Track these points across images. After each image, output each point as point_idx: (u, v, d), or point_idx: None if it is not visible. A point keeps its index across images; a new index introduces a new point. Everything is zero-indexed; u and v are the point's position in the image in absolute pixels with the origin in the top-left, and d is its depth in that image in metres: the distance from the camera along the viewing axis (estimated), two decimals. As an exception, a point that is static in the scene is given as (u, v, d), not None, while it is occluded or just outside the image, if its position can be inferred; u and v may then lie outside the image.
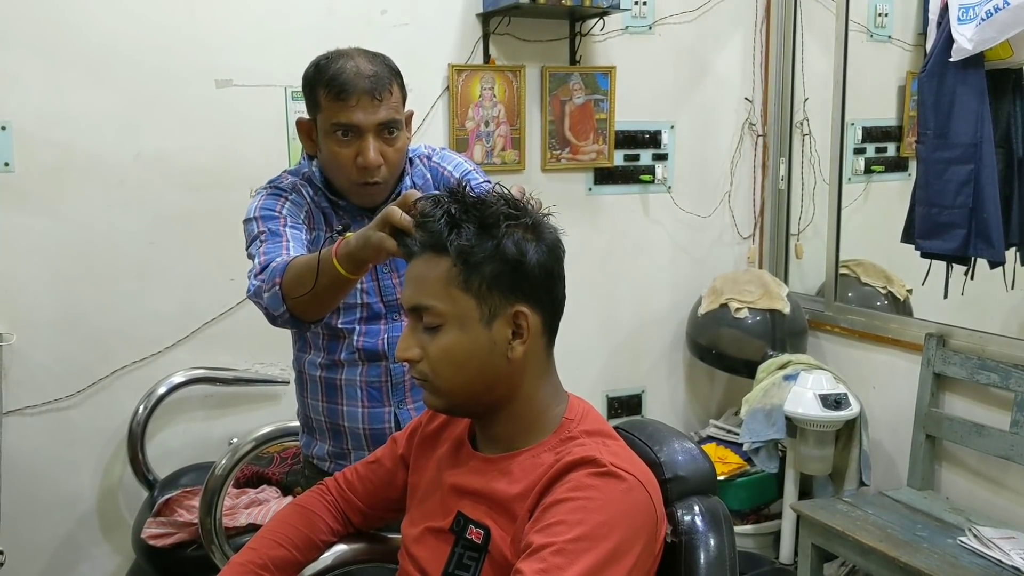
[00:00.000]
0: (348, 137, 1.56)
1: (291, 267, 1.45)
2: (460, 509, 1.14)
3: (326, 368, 1.70)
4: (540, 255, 1.12)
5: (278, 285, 1.44)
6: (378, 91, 1.54)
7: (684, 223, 3.42)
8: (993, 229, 2.58)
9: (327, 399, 1.71)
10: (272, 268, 1.48)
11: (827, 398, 2.81)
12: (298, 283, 1.41)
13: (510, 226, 1.10)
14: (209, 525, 2.03)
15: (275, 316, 1.48)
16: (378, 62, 1.59)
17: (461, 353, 1.11)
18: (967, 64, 2.56)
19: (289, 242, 1.56)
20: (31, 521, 2.61)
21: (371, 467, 1.39)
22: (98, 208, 2.59)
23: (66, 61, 2.51)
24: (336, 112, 1.54)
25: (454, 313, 1.10)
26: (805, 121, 3.45)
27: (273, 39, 2.71)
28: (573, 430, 1.14)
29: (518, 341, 1.12)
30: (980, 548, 2.34)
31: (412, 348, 1.13)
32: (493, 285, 1.10)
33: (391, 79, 1.58)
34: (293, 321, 1.49)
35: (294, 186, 1.67)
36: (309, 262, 1.40)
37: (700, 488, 1.18)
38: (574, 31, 3.11)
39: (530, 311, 1.12)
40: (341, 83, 1.53)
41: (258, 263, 1.53)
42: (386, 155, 1.58)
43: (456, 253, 1.09)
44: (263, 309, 1.50)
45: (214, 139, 2.68)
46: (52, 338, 2.58)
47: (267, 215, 1.61)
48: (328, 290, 1.39)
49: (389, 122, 1.57)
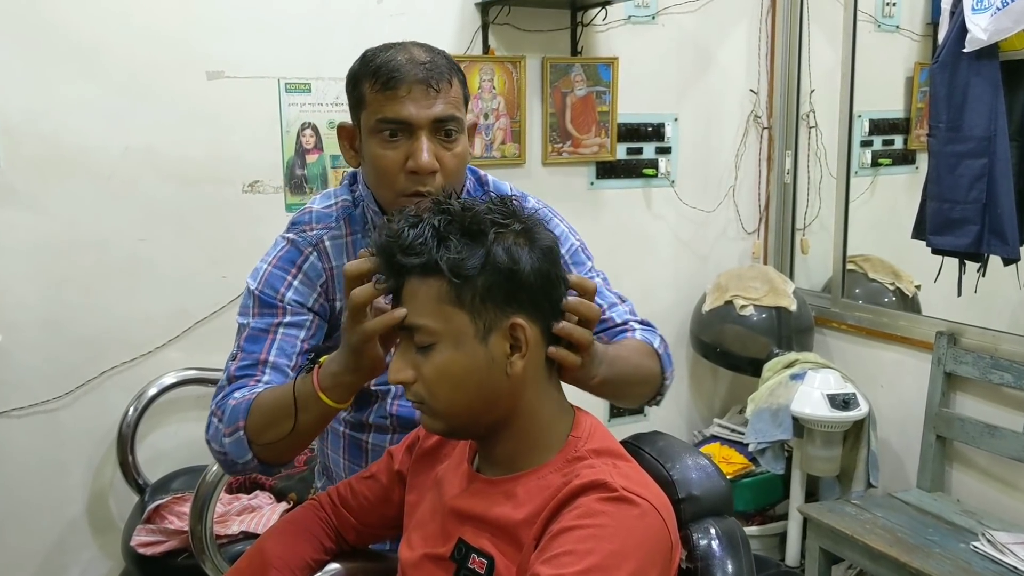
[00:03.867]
0: (397, 138, 1.29)
1: (257, 407, 1.24)
2: (461, 535, 1.07)
3: (351, 426, 1.50)
4: (535, 260, 1.04)
5: (241, 430, 1.24)
6: (435, 79, 1.28)
7: (688, 218, 3.35)
8: (1007, 225, 2.52)
9: (350, 458, 1.52)
10: (233, 409, 1.26)
11: (835, 398, 2.76)
12: (269, 425, 1.22)
13: (499, 233, 1.02)
14: (200, 533, 1.97)
15: (237, 464, 1.27)
16: (436, 52, 1.34)
17: (457, 372, 1.03)
18: (981, 55, 2.51)
19: (271, 350, 1.33)
20: (19, 525, 2.54)
21: (366, 482, 1.32)
22: (86, 204, 2.51)
23: (52, 52, 2.43)
24: (382, 105, 1.28)
25: (447, 331, 1.02)
26: (811, 113, 3.39)
27: (266, 29, 2.64)
28: (580, 449, 1.06)
29: (517, 355, 1.04)
30: (994, 553, 2.28)
31: (405, 370, 1.05)
32: (487, 298, 1.02)
33: (450, 71, 1.32)
34: (262, 467, 1.28)
35: (318, 242, 1.41)
36: (280, 399, 1.21)
37: (715, 508, 1.12)
38: (575, 21, 3.03)
39: (528, 322, 1.04)
40: (390, 71, 1.28)
41: (225, 378, 1.34)
42: (442, 160, 1.30)
43: (446, 268, 1.01)
44: (220, 456, 1.29)
45: (205, 132, 2.61)
46: (40, 338, 2.51)
47: (266, 298, 1.38)
48: (314, 428, 1.22)
49: (447, 119, 1.29)
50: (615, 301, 1.49)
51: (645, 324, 1.48)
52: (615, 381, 1.24)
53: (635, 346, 1.39)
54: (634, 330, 1.44)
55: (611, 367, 1.22)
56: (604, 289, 1.48)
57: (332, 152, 2.75)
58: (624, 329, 1.44)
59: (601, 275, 1.52)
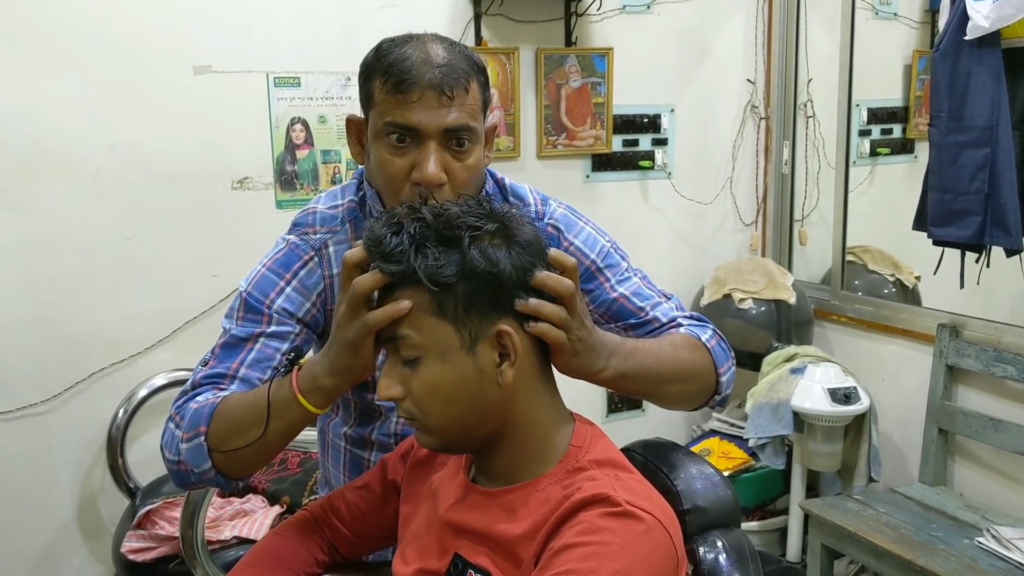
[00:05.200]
0: (404, 144, 1.19)
1: (223, 411, 1.15)
2: (458, 550, 1.03)
3: (353, 442, 1.42)
4: (515, 258, 0.98)
5: (202, 435, 1.14)
6: (449, 86, 1.17)
7: (685, 210, 3.31)
8: (1010, 216, 2.49)
9: (350, 474, 1.43)
10: (195, 413, 1.17)
11: (836, 392, 2.72)
12: (235, 431, 1.13)
13: (474, 236, 0.97)
14: (191, 539, 1.92)
15: (192, 474, 1.18)
16: (456, 52, 1.21)
17: (447, 386, 0.98)
18: (983, 43, 2.46)
19: (244, 361, 1.24)
20: (8, 530, 2.50)
21: (360, 492, 1.27)
22: (72, 203, 2.46)
23: (33, 47, 2.37)
24: (391, 108, 1.18)
25: (431, 343, 0.97)
26: (809, 103, 3.35)
27: (253, 22, 2.58)
28: (581, 459, 1.02)
29: (506, 364, 0.99)
30: (999, 549, 2.26)
31: (394, 386, 1.00)
32: (470, 306, 0.97)
33: (469, 74, 1.20)
34: (219, 480, 1.19)
35: (321, 247, 1.32)
36: (252, 403, 1.13)
37: (722, 520, 1.08)
38: (569, 11, 2.99)
39: (516, 327, 0.99)
40: (401, 71, 1.17)
41: (189, 383, 1.24)
42: (451, 171, 1.20)
43: (424, 277, 0.96)
44: (173, 466, 1.19)
45: (193, 129, 2.56)
46: (26, 340, 2.46)
47: (253, 302, 1.28)
48: (284, 437, 1.14)
49: (459, 128, 1.19)
50: (658, 300, 1.38)
51: (697, 319, 1.37)
52: (637, 376, 1.16)
53: (673, 340, 1.29)
54: (681, 326, 1.34)
55: (628, 360, 1.14)
56: (644, 288, 1.38)
57: (323, 147, 2.70)
58: (672, 327, 1.35)
59: (639, 273, 1.41)
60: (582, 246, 1.37)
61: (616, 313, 1.36)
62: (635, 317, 1.35)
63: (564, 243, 1.36)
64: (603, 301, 1.36)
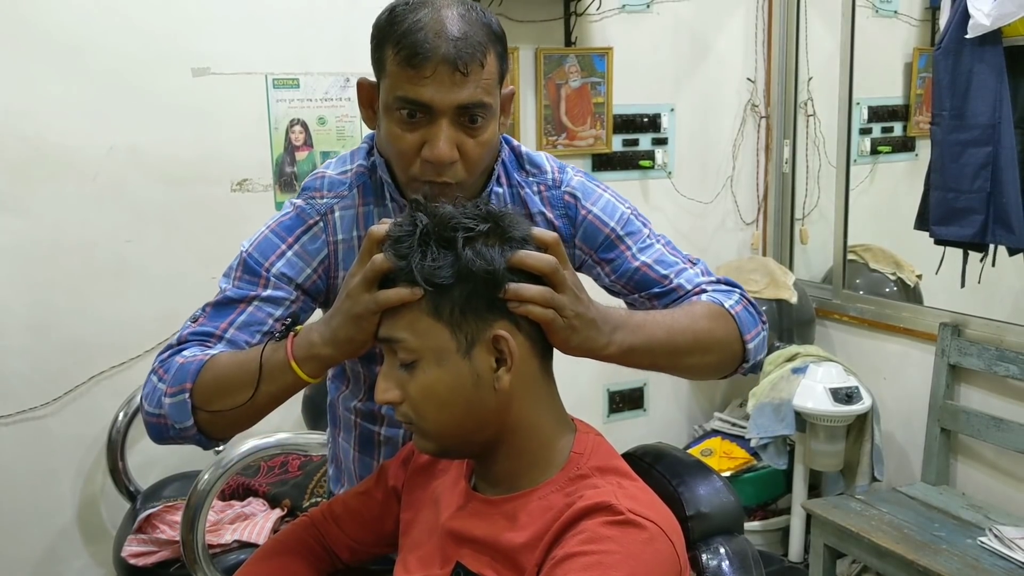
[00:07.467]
0: (415, 119, 1.14)
1: (211, 369, 1.13)
2: (460, 559, 1.02)
3: (363, 416, 1.39)
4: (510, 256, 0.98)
5: (187, 392, 1.12)
6: (464, 61, 1.11)
7: (686, 209, 3.30)
8: (1013, 214, 2.48)
9: (360, 449, 1.41)
10: (181, 368, 1.14)
11: (838, 392, 2.71)
12: (223, 391, 1.11)
13: (468, 237, 0.96)
14: (192, 543, 1.91)
15: (172, 429, 1.15)
16: (473, 19, 1.14)
17: (443, 391, 0.97)
18: (984, 41, 2.45)
19: (234, 321, 1.21)
20: (9, 534, 2.50)
21: (360, 498, 1.26)
22: (71, 205, 2.46)
23: (33, 50, 2.36)
24: (403, 82, 1.13)
25: (427, 347, 0.97)
26: (809, 101, 3.34)
27: (252, 24, 2.57)
28: (583, 466, 1.01)
29: (503, 369, 0.98)
30: (1002, 549, 2.25)
31: (391, 390, 1.00)
32: (467, 308, 0.96)
33: (486, 46, 1.14)
34: (199, 439, 1.16)
35: (327, 212, 1.29)
36: (243, 364, 1.11)
37: (725, 526, 1.07)
38: (569, 11, 2.98)
39: (513, 330, 0.98)
40: (415, 43, 1.11)
41: (176, 338, 1.20)
42: (464, 149, 1.16)
43: (419, 277, 0.95)
44: (153, 418, 1.16)
45: (192, 130, 2.55)
46: (25, 343, 2.45)
47: (252, 263, 1.25)
48: (272, 401, 1.12)
49: (473, 105, 1.13)
50: (683, 266, 1.32)
51: (725, 283, 1.31)
52: (648, 350, 1.12)
53: (691, 309, 1.22)
54: (704, 292, 1.28)
55: (636, 333, 1.10)
56: (668, 254, 1.32)
57: (322, 149, 2.70)
58: (695, 295, 1.28)
59: (663, 239, 1.35)
60: (600, 214, 1.31)
61: (639, 283, 1.31)
62: (659, 286, 1.30)
63: (582, 211, 1.31)
64: (625, 271, 1.31)
